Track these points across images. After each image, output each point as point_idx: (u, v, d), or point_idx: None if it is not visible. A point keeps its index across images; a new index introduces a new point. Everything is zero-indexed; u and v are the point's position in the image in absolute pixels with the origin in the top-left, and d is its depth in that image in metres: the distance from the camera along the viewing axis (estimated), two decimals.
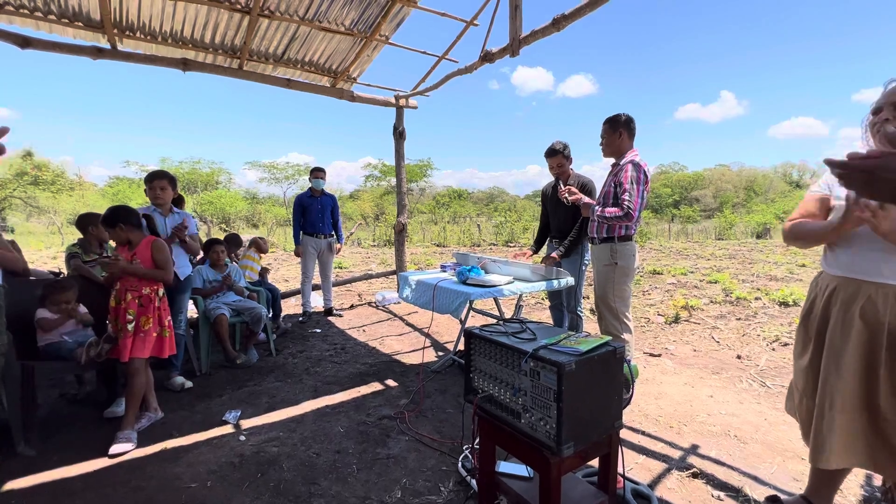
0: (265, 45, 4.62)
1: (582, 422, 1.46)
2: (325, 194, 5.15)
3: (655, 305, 5.83)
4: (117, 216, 2.58)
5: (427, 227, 24.69)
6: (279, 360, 3.81)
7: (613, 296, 2.90)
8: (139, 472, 2.19)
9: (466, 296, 2.87)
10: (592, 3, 2.97)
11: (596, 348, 1.51)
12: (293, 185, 39.60)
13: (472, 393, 1.79)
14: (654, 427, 2.59)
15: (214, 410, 2.86)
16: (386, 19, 4.43)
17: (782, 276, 8.23)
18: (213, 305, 3.64)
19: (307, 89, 5.28)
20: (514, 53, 3.67)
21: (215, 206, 28.30)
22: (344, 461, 2.27)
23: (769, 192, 41.29)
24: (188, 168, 32.87)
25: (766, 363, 3.60)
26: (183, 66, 4.39)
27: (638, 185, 2.77)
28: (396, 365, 3.69)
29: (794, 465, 2.18)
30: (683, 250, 14.63)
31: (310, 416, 2.77)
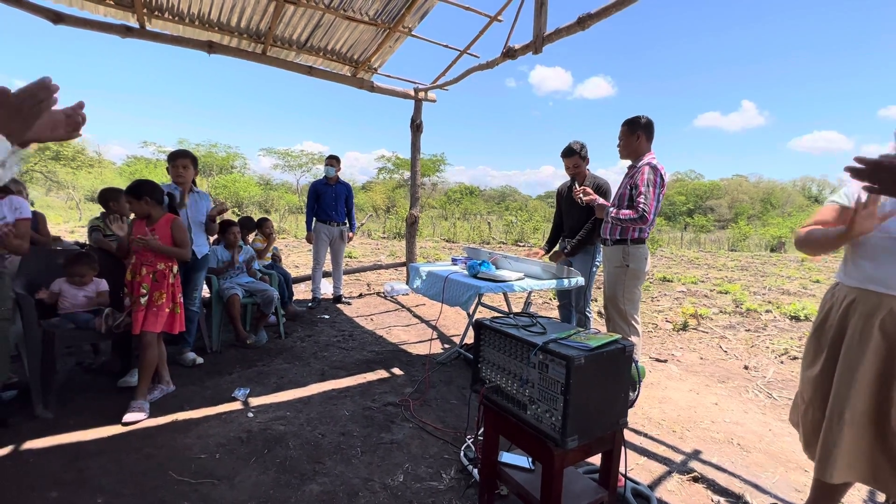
0: (289, 31, 4.66)
1: (587, 416, 1.48)
2: (340, 182, 5.19)
3: (664, 312, 5.79)
4: (144, 189, 2.64)
5: (437, 222, 24.70)
6: (288, 343, 3.87)
7: (623, 298, 2.90)
8: (151, 441, 2.25)
9: (477, 289, 2.89)
10: (619, 2, 2.95)
11: (606, 345, 1.52)
12: (306, 173, 39.84)
13: (479, 383, 1.82)
14: (657, 430, 2.60)
15: (224, 387, 2.92)
16: (410, 11, 4.45)
17: (795, 291, 8.11)
18: (226, 285, 3.71)
19: (328, 77, 5.32)
20: (537, 51, 3.66)
21: (229, 190, 28.58)
22: (348, 443, 2.31)
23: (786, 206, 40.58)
24: (205, 151, 33.20)
25: (774, 375, 3.58)
26: (208, 48, 4.45)
27: (654, 188, 2.76)
28: (402, 354, 3.73)
29: (797, 476, 2.18)
30: (695, 259, 14.47)
31: (316, 399, 2.82)
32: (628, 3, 2.91)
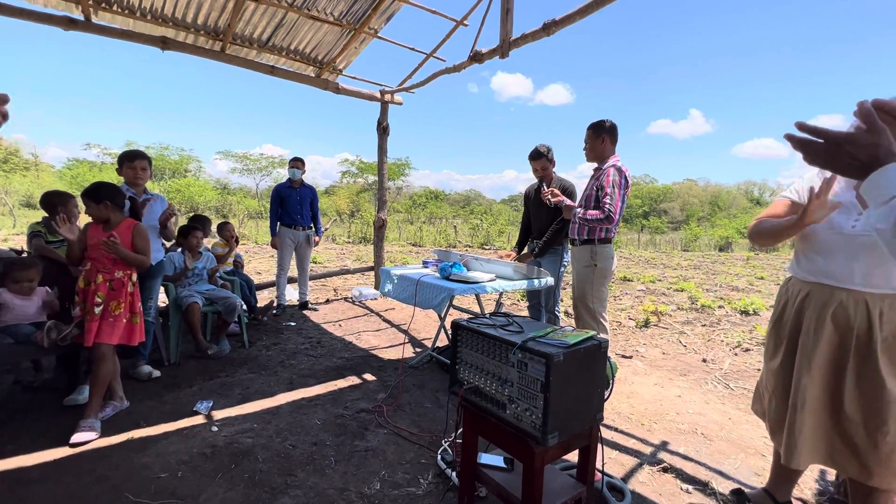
0: (250, 29, 4.51)
1: (566, 413, 1.50)
2: (304, 185, 5.06)
3: (626, 310, 6.01)
4: (104, 192, 2.47)
5: (403, 227, 24.58)
6: (252, 352, 3.71)
7: (592, 296, 2.97)
8: (104, 462, 2.09)
9: (450, 291, 2.88)
10: (583, 10, 3.05)
11: (582, 342, 1.55)
12: (266, 176, 38.68)
13: (457, 384, 1.80)
14: (627, 424, 2.68)
15: (184, 401, 2.76)
16: (376, 12, 4.41)
17: (743, 287, 8.64)
18: (185, 293, 3.51)
19: (291, 78, 5.18)
20: (503, 55, 3.72)
21: (183, 195, 27.28)
22: (321, 453, 2.24)
23: (732, 208, 43.26)
24: (156, 154, 31.61)
25: (730, 367, 3.78)
26: (162, 44, 4.23)
27: (619, 190, 2.85)
28: (374, 360, 3.67)
29: (756, 461, 2.30)
30: (652, 259, 15.15)
31: (285, 409, 2.72)
32: (591, 10, 3.01)
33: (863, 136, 0.77)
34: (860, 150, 0.77)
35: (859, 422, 1.51)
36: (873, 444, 1.48)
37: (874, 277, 1.49)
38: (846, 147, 0.77)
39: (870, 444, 1.49)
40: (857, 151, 0.77)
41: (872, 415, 1.48)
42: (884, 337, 1.47)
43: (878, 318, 1.48)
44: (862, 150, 0.77)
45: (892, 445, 1.46)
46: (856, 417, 1.51)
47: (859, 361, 1.51)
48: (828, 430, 1.58)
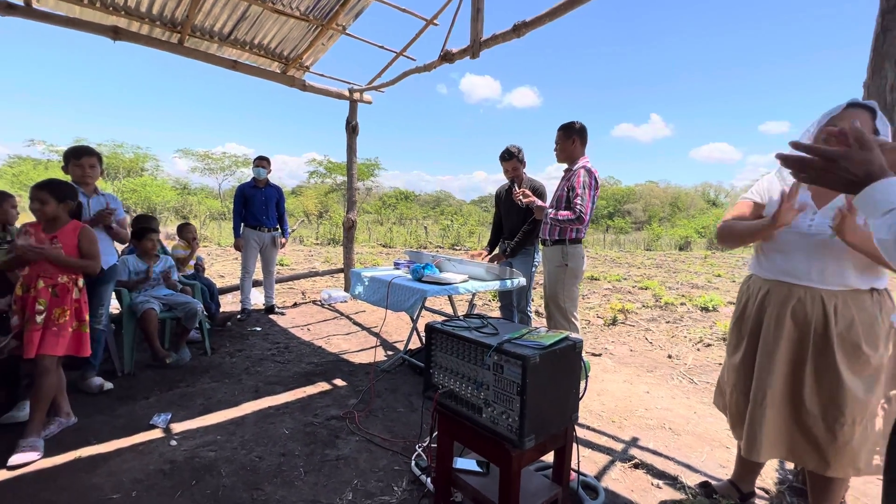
0: (210, 21, 4.31)
1: (543, 415, 1.49)
2: (269, 185, 4.88)
3: (594, 308, 6.14)
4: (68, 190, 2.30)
5: (373, 228, 24.30)
6: (215, 360, 3.53)
7: (563, 296, 3.00)
8: (49, 484, 1.92)
9: (422, 293, 2.84)
10: (552, 13, 3.08)
11: (558, 342, 1.54)
12: (229, 176, 37.33)
13: (431, 389, 1.76)
14: (598, 422, 2.72)
15: (140, 414, 2.59)
16: (344, 8, 4.31)
17: (702, 285, 9.02)
18: (140, 299, 3.31)
19: (255, 73, 4.99)
20: (474, 55, 3.71)
21: (139, 195, 25.91)
22: (290, 464, 2.14)
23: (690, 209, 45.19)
24: (108, 152, 29.88)
25: (693, 362, 3.91)
26: (113, 34, 3.97)
27: (589, 191, 2.90)
28: (344, 364, 3.57)
29: (721, 454, 2.37)
30: (617, 259, 15.60)
31: (251, 418, 2.59)
32: (560, 13, 3.04)
33: (857, 153, 0.83)
34: (855, 166, 0.82)
35: (818, 415, 1.57)
36: (832, 437, 1.54)
37: (829, 275, 1.56)
38: (841, 163, 0.83)
39: (828, 437, 1.55)
40: (852, 167, 0.82)
41: (831, 407, 1.54)
42: (839, 332, 1.54)
43: (833, 314, 1.54)
44: (857, 167, 0.82)
45: (847, 436, 1.53)
46: (815, 411, 1.58)
47: (817, 356, 1.57)
48: (788, 424, 1.64)
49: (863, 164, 0.82)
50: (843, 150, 0.84)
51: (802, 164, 0.87)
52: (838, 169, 0.83)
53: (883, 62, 1.77)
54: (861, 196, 0.83)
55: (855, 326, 1.52)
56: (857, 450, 1.52)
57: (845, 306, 1.55)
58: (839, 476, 1.59)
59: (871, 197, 0.81)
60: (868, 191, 0.81)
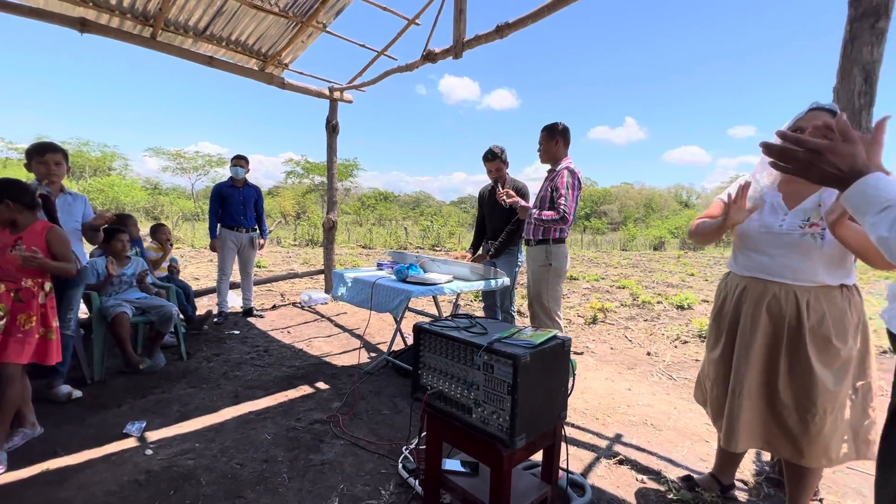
0: (185, 15, 4.18)
1: (533, 414, 1.49)
2: (248, 185, 4.76)
3: (574, 308, 6.23)
4: (6, 190, 2.15)
5: (352, 229, 24.04)
6: (192, 365, 3.42)
7: (547, 295, 3.03)
8: (14, 500, 1.81)
9: (407, 294, 2.81)
10: (535, 14, 3.10)
11: (547, 341, 1.55)
12: (203, 176, 36.34)
13: (420, 390, 1.75)
14: (582, 420, 2.75)
15: (112, 423, 2.47)
16: (325, 6, 4.25)
17: (677, 283, 9.27)
18: (111, 303, 3.17)
19: (232, 70, 4.86)
20: (457, 55, 3.71)
21: (107, 195, 24.91)
22: (273, 470, 2.09)
23: (664, 210, 46.45)
24: (74, 150, 28.68)
25: (671, 358, 4.01)
26: (80, 27, 3.80)
27: (573, 191, 2.93)
28: (326, 367, 3.51)
29: (701, 448, 2.43)
30: (594, 259, 15.89)
31: (231, 424, 2.52)
32: (543, 15, 3.07)
33: (842, 146, 0.81)
34: (840, 159, 0.81)
35: (792, 406, 1.63)
36: (804, 427, 1.61)
37: (801, 272, 1.62)
38: (827, 156, 0.81)
39: (801, 427, 1.62)
40: (837, 160, 0.81)
41: (803, 398, 1.61)
42: (811, 326, 1.60)
43: (805, 309, 1.61)
44: (842, 160, 0.81)
45: (819, 427, 1.59)
46: (789, 402, 1.64)
47: (791, 349, 1.64)
48: (764, 415, 1.70)
49: (848, 158, 0.81)
50: (830, 142, 0.82)
51: (786, 154, 0.85)
52: (823, 162, 0.82)
53: (852, 68, 1.85)
54: (851, 193, 0.81)
55: (826, 321, 1.59)
56: (829, 439, 1.59)
57: (817, 301, 1.61)
58: (812, 465, 1.65)
59: (861, 193, 0.79)
60: (859, 186, 0.80)
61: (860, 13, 1.82)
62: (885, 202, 0.76)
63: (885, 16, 1.78)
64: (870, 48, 1.81)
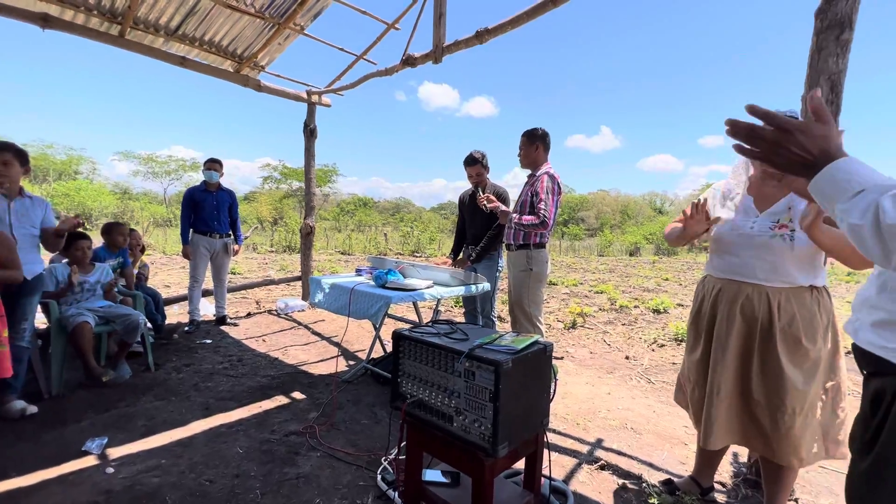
0: (156, 14, 4.04)
1: (515, 421, 1.46)
2: (221, 189, 4.62)
3: (554, 312, 6.26)
4: None
5: (331, 235, 23.71)
6: (160, 376, 3.26)
7: (528, 300, 3.02)
8: None
9: (387, 300, 2.76)
10: (514, 21, 3.12)
11: (529, 346, 1.53)
12: (175, 181, 35.36)
13: (399, 399, 1.69)
14: (564, 425, 2.73)
15: (70, 440, 2.32)
16: (302, 8, 4.18)
17: (653, 288, 9.45)
18: (72, 312, 2.99)
19: (206, 71, 4.73)
20: (436, 60, 3.70)
21: (72, 200, 23.92)
22: (245, 486, 1.99)
23: (639, 217, 47.59)
24: (37, 153, 27.49)
25: (649, 362, 4.06)
26: (42, 22, 3.63)
27: (553, 196, 2.94)
28: (303, 376, 3.40)
29: (680, 451, 2.45)
30: (572, 264, 16.09)
31: (200, 438, 2.40)
32: (522, 21, 3.09)
33: (816, 126, 0.73)
34: (812, 140, 0.72)
35: (764, 404, 1.68)
36: (775, 424, 1.64)
37: (772, 273, 1.67)
38: (797, 136, 0.72)
39: (772, 425, 1.66)
40: (807, 142, 0.72)
41: (773, 397, 1.65)
42: (781, 326, 1.65)
43: (777, 309, 1.65)
44: (813, 141, 0.72)
45: (789, 424, 1.63)
46: (761, 400, 1.68)
47: (763, 348, 1.68)
48: (740, 412, 1.74)
49: (819, 140, 0.72)
50: (800, 122, 0.74)
51: (753, 133, 0.75)
52: (792, 142, 0.73)
53: (818, 78, 1.91)
54: (821, 178, 0.72)
55: (796, 321, 1.63)
56: (799, 438, 1.63)
57: (787, 302, 1.65)
58: (783, 463, 1.68)
59: (831, 178, 0.71)
60: (829, 171, 0.71)
61: (825, 25, 1.88)
62: (858, 186, 0.69)
63: (848, 28, 1.84)
64: (835, 59, 1.87)
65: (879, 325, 0.85)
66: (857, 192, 0.68)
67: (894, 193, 0.65)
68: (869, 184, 0.68)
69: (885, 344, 0.83)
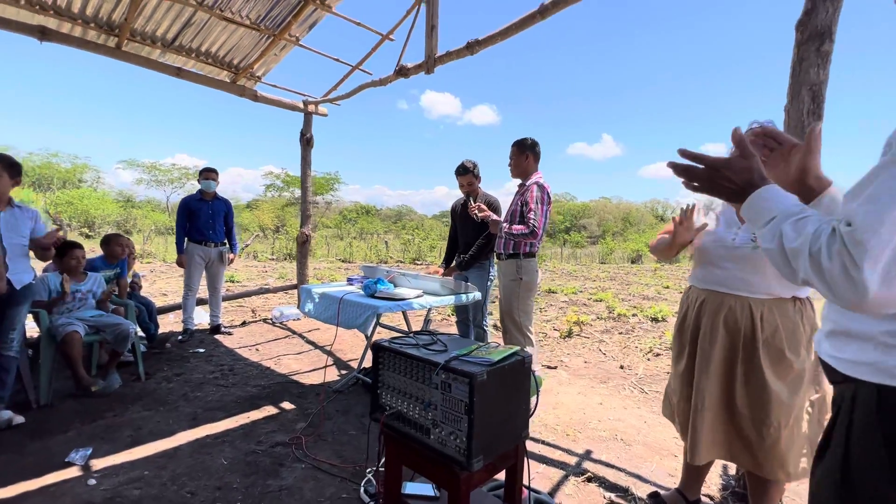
0: (152, 26, 4.10)
1: (492, 434, 1.45)
2: (217, 198, 4.65)
3: (551, 321, 6.23)
4: None
5: (332, 242, 23.76)
6: (149, 386, 3.26)
7: (518, 309, 3.01)
8: None
9: (374, 309, 2.75)
10: (503, 32, 3.15)
11: (506, 358, 1.52)
12: (179, 188, 35.57)
13: (378, 410, 1.68)
14: (553, 436, 2.71)
15: (55, 450, 2.32)
16: (297, 19, 4.23)
17: (653, 296, 9.41)
18: (62, 321, 3.00)
19: (202, 82, 4.78)
20: (429, 71, 3.73)
21: (76, 208, 24.07)
22: (226, 498, 1.98)
23: (641, 224, 47.47)
24: (41, 161, 27.70)
25: (644, 371, 4.03)
26: (40, 35, 3.68)
27: (542, 206, 2.94)
28: (294, 386, 3.39)
29: (669, 463, 2.42)
30: (573, 272, 16.05)
31: (185, 450, 2.39)
32: (512, 33, 3.12)
33: (737, 161, 0.84)
34: (736, 174, 0.83)
35: (748, 416, 1.65)
36: (760, 438, 1.62)
37: (754, 284, 1.65)
38: (724, 171, 0.84)
39: (758, 439, 1.63)
40: (733, 175, 0.83)
41: (758, 409, 1.63)
42: (764, 338, 1.63)
43: (759, 321, 1.64)
44: (737, 175, 0.83)
45: (774, 437, 1.60)
46: (745, 412, 1.66)
47: (746, 360, 1.66)
48: (725, 425, 1.72)
49: (744, 173, 0.83)
50: (725, 158, 0.85)
51: (689, 172, 0.88)
52: (721, 178, 0.84)
53: (800, 88, 1.91)
54: (745, 207, 0.83)
55: (779, 333, 1.62)
56: (785, 452, 1.60)
57: (770, 313, 1.64)
58: (771, 478, 1.65)
59: (753, 205, 0.81)
60: (750, 200, 0.82)
61: (806, 37, 1.89)
62: (770, 214, 0.78)
63: (829, 39, 1.85)
64: (816, 70, 1.87)
65: (831, 336, 0.88)
66: (770, 219, 0.77)
67: (794, 220, 0.73)
68: (779, 211, 0.77)
69: (836, 354, 0.86)
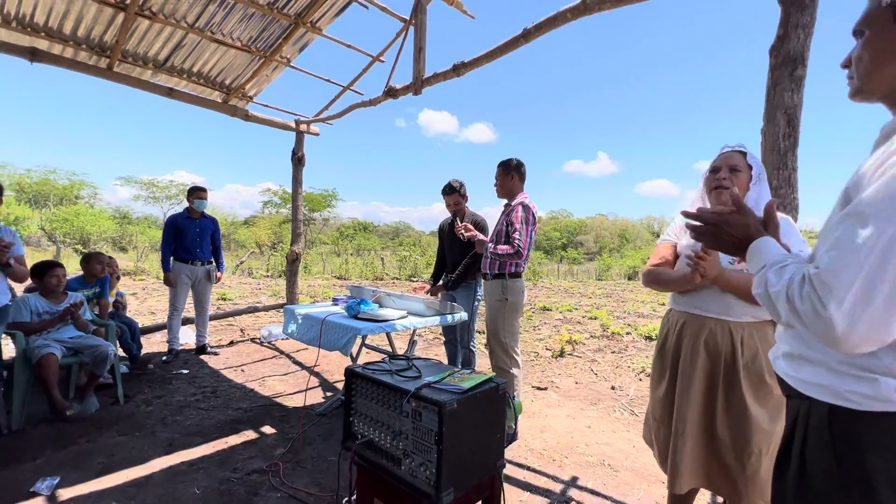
0: (144, 47, 4.15)
1: (463, 465, 1.40)
2: (204, 216, 4.63)
3: (544, 340, 6.17)
4: None
5: (329, 259, 23.72)
6: (127, 409, 3.18)
7: (504, 331, 2.97)
8: None
9: (356, 331, 2.71)
10: (489, 55, 3.19)
11: (479, 385, 1.48)
12: (175, 205, 35.63)
13: (351, 439, 1.64)
14: (539, 461, 2.64)
15: (21, 479, 2.24)
16: (288, 41, 4.29)
17: (647, 314, 9.36)
18: (38, 343, 2.94)
19: (194, 102, 4.82)
20: (416, 92, 3.77)
21: (71, 224, 24.02)
22: None
23: (637, 240, 47.69)
24: (39, 178, 27.78)
25: (635, 392, 3.96)
26: (31, 56, 3.71)
27: (527, 226, 2.93)
28: (276, 409, 3.32)
29: (657, 489, 2.35)
30: (570, 289, 16.00)
31: (158, 478, 2.31)
32: (496, 56, 3.16)
33: (735, 218, 0.96)
34: (735, 229, 0.95)
35: (729, 444, 1.60)
36: (741, 466, 1.57)
37: (733, 307, 1.63)
38: (724, 227, 0.96)
39: (739, 467, 1.58)
40: (732, 230, 0.95)
41: (739, 437, 1.58)
42: (744, 363, 1.60)
43: (740, 345, 1.61)
44: (736, 229, 0.95)
45: (755, 466, 1.55)
46: (726, 439, 1.61)
47: (727, 385, 1.62)
48: (705, 453, 1.66)
49: (741, 228, 0.94)
50: (724, 216, 0.96)
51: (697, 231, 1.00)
52: (723, 233, 0.96)
53: (775, 112, 1.92)
54: (746, 258, 0.94)
55: (759, 357, 1.58)
56: (766, 481, 1.54)
57: (750, 338, 1.61)
58: None
59: (750, 257, 0.93)
60: (748, 252, 0.93)
61: (780, 62, 1.91)
62: (761, 263, 0.88)
63: (801, 64, 1.87)
64: (790, 94, 1.89)
65: (788, 357, 0.97)
66: (761, 268, 0.87)
67: (778, 267, 0.83)
68: (767, 260, 0.87)
69: (791, 373, 0.95)
